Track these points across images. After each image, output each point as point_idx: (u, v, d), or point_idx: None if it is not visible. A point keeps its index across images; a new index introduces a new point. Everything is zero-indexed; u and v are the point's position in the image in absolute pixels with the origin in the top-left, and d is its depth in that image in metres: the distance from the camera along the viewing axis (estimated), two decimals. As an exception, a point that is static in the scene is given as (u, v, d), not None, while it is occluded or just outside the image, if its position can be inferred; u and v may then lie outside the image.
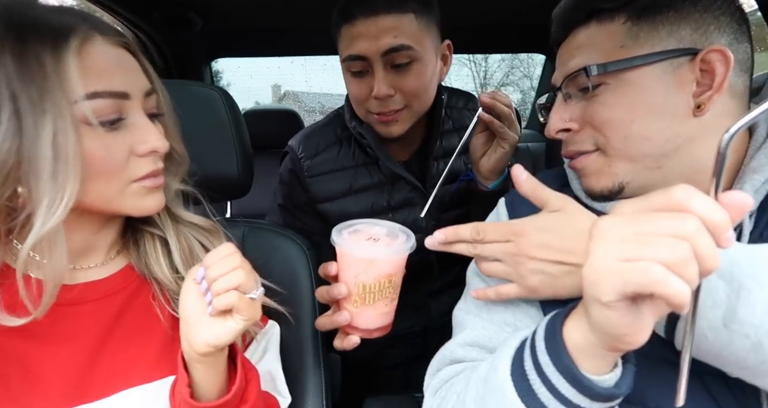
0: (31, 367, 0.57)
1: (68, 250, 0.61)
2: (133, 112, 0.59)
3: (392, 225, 0.74)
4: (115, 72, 0.57)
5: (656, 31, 0.58)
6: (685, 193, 0.38)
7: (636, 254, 0.38)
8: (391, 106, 0.98)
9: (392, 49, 0.93)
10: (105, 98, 0.56)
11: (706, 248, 0.37)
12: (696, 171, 0.60)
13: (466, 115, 1.18)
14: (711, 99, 0.58)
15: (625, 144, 0.60)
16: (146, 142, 0.59)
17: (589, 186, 0.65)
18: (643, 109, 0.59)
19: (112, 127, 0.57)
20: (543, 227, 0.57)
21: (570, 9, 0.65)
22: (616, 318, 0.41)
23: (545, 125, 0.72)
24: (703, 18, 0.58)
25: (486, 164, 0.99)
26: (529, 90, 4.47)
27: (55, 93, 0.52)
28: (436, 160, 1.11)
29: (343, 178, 1.10)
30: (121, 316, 0.64)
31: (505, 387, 0.50)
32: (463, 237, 0.60)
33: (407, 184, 1.09)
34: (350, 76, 1.00)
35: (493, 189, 1.01)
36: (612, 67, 0.59)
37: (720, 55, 0.57)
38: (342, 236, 0.70)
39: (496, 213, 0.77)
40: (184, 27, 1.55)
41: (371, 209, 1.10)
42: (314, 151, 1.11)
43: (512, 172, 0.59)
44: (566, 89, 0.64)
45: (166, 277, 0.67)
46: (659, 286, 0.37)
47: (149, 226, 0.70)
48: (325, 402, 0.79)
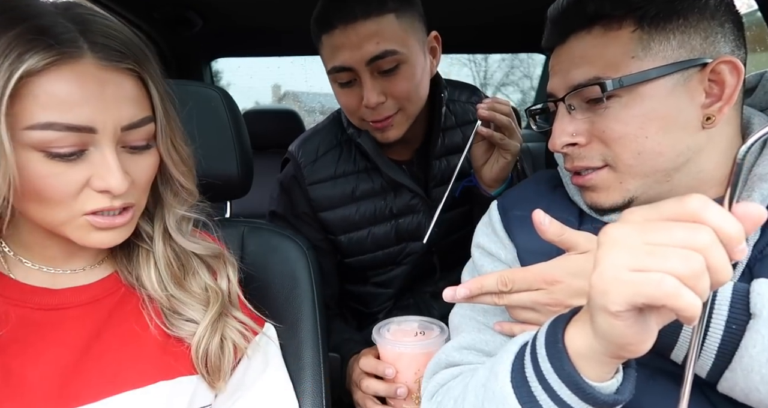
0: (13, 371, 0.56)
1: (48, 256, 0.62)
2: (99, 145, 0.54)
3: (417, 318, 0.78)
4: (84, 102, 0.52)
5: (667, 41, 0.56)
6: (700, 204, 0.37)
7: (648, 265, 0.37)
8: (384, 113, 0.95)
9: (377, 57, 0.89)
10: (59, 131, 0.51)
11: (719, 261, 0.36)
12: (701, 182, 0.59)
13: (469, 109, 1.14)
14: (721, 111, 0.57)
15: (638, 160, 0.58)
16: (102, 179, 0.55)
17: (596, 202, 0.63)
18: (657, 124, 0.57)
19: (68, 159, 0.53)
20: (576, 272, 0.54)
21: (570, 12, 0.62)
22: (623, 327, 0.40)
23: (545, 133, 0.70)
24: (711, 26, 0.57)
25: (488, 174, 0.97)
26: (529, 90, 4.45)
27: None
28: (438, 158, 1.09)
29: (344, 185, 1.07)
30: (107, 322, 0.63)
31: (505, 393, 0.49)
32: (489, 289, 0.56)
33: (409, 190, 1.07)
34: (338, 87, 0.97)
35: (497, 195, 0.97)
36: (628, 80, 0.56)
37: (730, 65, 0.56)
38: (390, 337, 0.74)
39: (488, 217, 0.76)
40: (184, 27, 1.55)
41: (374, 217, 1.08)
42: (314, 155, 1.09)
43: (534, 219, 0.55)
44: (570, 101, 0.61)
45: (156, 291, 0.66)
46: (672, 298, 0.36)
47: (140, 240, 0.68)
48: (324, 402, 0.79)
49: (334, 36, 0.90)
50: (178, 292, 0.66)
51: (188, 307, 0.66)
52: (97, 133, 0.53)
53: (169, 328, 0.65)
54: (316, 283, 0.86)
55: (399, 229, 1.09)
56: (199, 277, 0.69)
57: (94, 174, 0.55)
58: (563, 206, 0.70)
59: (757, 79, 0.68)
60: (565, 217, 0.68)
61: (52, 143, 0.51)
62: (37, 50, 0.49)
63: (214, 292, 0.68)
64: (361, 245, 1.09)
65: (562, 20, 0.63)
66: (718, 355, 0.48)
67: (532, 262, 0.67)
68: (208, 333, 0.65)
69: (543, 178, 0.77)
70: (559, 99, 0.63)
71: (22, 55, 0.49)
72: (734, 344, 0.47)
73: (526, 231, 0.68)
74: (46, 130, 0.51)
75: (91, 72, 0.53)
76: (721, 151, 0.60)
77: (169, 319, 0.66)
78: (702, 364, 0.49)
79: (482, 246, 0.74)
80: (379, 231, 1.08)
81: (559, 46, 0.63)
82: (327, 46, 0.93)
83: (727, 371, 0.48)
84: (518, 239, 0.69)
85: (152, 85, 0.59)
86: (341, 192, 1.07)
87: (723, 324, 0.48)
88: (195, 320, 0.66)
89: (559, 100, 0.62)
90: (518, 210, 0.72)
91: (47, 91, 0.50)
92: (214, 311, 0.67)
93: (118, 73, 0.55)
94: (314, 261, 0.88)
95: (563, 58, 0.63)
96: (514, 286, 0.55)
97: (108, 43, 0.54)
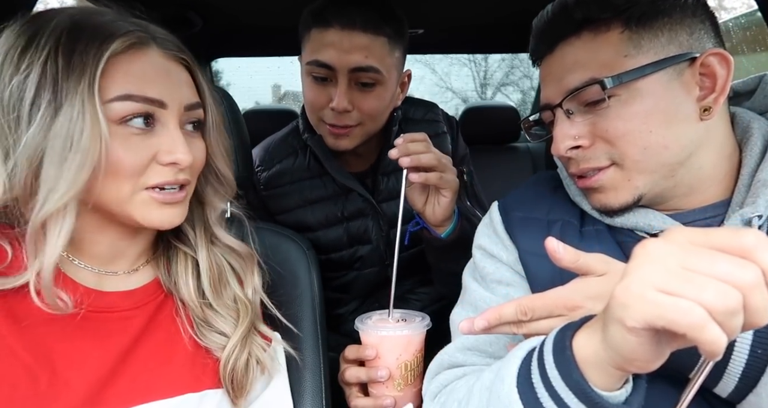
0: (59, 369, 0.57)
1: (95, 254, 0.64)
2: (166, 120, 0.60)
3: (399, 310, 0.80)
4: (156, 80, 0.59)
5: (656, 38, 0.58)
6: (755, 240, 0.35)
7: (680, 290, 0.35)
8: (345, 121, 0.98)
9: (361, 68, 0.94)
10: (137, 102, 0.57)
11: (759, 303, 0.34)
12: (701, 179, 0.60)
13: (423, 127, 1.15)
14: (717, 101, 0.58)
15: (644, 155, 0.58)
16: (170, 153, 0.60)
17: (606, 203, 0.63)
18: (658, 119, 0.58)
19: (141, 131, 0.58)
20: (596, 296, 0.52)
21: (557, 21, 0.63)
22: (635, 344, 0.39)
23: (539, 140, 0.70)
24: (694, 23, 0.59)
25: (432, 216, 0.90)
26: (529, 90, 4.46)
27: (86, 89, 0.54)
28: (385, 175, 1.13)
29: (298, 190, 1.11)
30: (147, 328, 0.64)
31: (511, 399, 0.49)
32: (508, 319, 0.54)
33: (359, 195, 1.10)
34: (311, 80, 0.99)
35: (446, 238, 0.91)
36: (626, 77, 0.57)
37: (719, 57, 0.57)
38: (372, 324, 0.76)
39: (489, 218, 0.76)
40: (184, 27, 1.55)
41: (326, 220, 1.11)
42: (271, 162, 1.13)
43: (547, 247, 0.53)
44: (567, 105, 0.61)
45: (192, 300, 0.67)
46: (696, 330, 0.34)
47: (182, 243, 0.70)
48: (324, 402, 0.79)
49: (327, 33, 0.93)
50: (213, 302, 0.68)
51: (219, 318, 0.68)
52: (166, 109, 0.60)
53: (200, 339, 0.66)
54: (317, 283, 0.87)
55: (350, 232, 1.13)
56: (229, 287, 0.70)
57: (161, 149, 0.60)
58: (564, 208, 0.70)
59: (756, 83, 0.68)
60: (567, 218, 0.68)
61: (129, 113, 0.57)
62: (118, 36, 0.57)
63: (243, 304, 0.70)
64: (315, 247, 1.10)
65: (549, 29, 0.64)
66: (742, 378, 0.47)
67: (533, 263, 0.67)
68: (237, 349, 0.66)
69: (543, 179, 0.77)
70: (556, 105, 0.63)
71: (106, 39, 0.56)
72: (759, 369, 0.46)
73: (527, 233, 0.69)
74: (126, 101, 0.57)
75: (157, 59, 0.61)
76: (717, 148, 0.60)
77: (200, 328, 0.67)
78: (724, 387, 0.49)
79: (483, 247, 0.73)
80: (331, 234, 1.12)
81: (548, 56, 0.64)
82: (315, 40, 0.95)
83: (751, 395, 0.47)
84: (520, 241, 0.69)
85: (200, 77, 0.66)
86: (295, 197, 1.11)
87: (748, 348, 0.47)
88: (224, 333, 0.67)
89: (557, 106, 0.62)
90: (519, 211, 0.72)
91: (127, 69, 0.58)
92: (244, 327, 0.68)
93: (176, 62, 0.63)
94: (314, 261, 0.88)
95: (555, 66, 0.63)
96: (534, 314, 0.53)
97: (166, 37, 0.63)
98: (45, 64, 0.54)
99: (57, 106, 0.54)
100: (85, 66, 0.54)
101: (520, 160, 2.08)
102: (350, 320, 1.20)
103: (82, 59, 0.54)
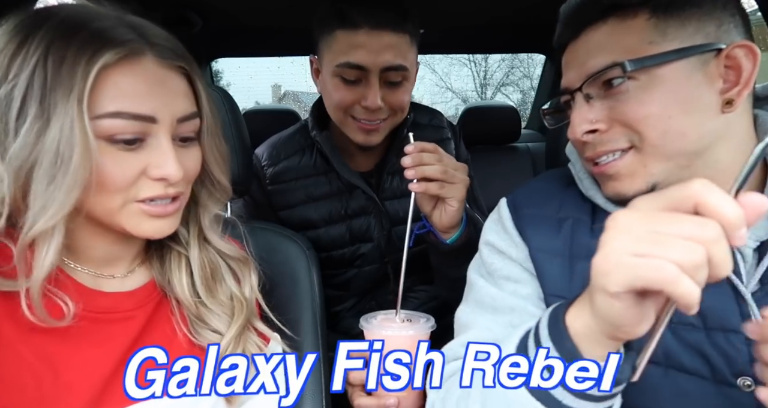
0: (61, 371, 0.57)
1: (92, 258, 0.63)
2: (157, 135, 0.58)
3: (404, 311, 0.80)
4: (149, 93, 0.57)
5: (683, 28, 0.58)
6: (703, 187, 0.39)
7: (650, 251, 0.39)
8: (378, 116, 1.01)
9: (391, 67, 0.96)
10: (127, 119, 0.55)
11: (720, 256, 0.38)
12: (718, 173, 0.59)
13: (429, 132, 1.20)
14: (740, 94, 0.58)
15: (663, 140, 0.58)
16: (160, 168, 0.58)
17: (620, 190, 0.62)
18: (677, 105, 0.58)
19: (130, 147, 0.57)
20: None
21: (585, 6, 0.63)
22: (620, 309, 0.42)
23: (544, 127, 0.70)
24: (723, 16, 0.58)
25: (439, 223, 0.90)
26: (529, 90, 4.47)
27: (74, 103, 0.52)
28: (390, 174, 1.14)
29: (303, 187, 1.12)
30: (145, 329, 0.64)
31: None
32: None
33: (363, 193, 1.11)
34: (340, 81, 0.99)
35: (452, 244, 0.92)
36: (648, 62, 0.57)
37: (746, 50, 0.57)
38: (377, 323, 0.77)
39: (498, 214, 0.75)
40: (184, 27, 1.55)
41: (329, 217, 1.12)
42: (277, 158, 1.15)
43: None
44: (587, 89, 0.61)
45: (186, 298, 0.67)
46: (670, 284, 0.38)
47: (175, 243, 0.69)
48: (324, 402, 0.79)
49: (357, 35, 0.94)
50: (207, 299, 0.68)
51: (214, 316, 0.67)
52: (156, 123, 0.58)
53: (194, 337, 0.66)
54: (317, 283, 0.87)
55: (352, 230, 1.14)
56: (225, 284, 0.70)
57: (151, 163, 0.58)
58: (575, 204, 0.69)
59: None
60: (577, 216, 0.68)
61: (118, 131, 0.55)
62: (110, 47, 0.54)
63: (239, 301, 0.69)
64: (317, 244, 1.11)
65: (576, 14, 0.64)
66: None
67: (544, 261, 0.67)
68: (231, 346, 0.66)
69: (554, 176, 0.76)
70: (576, 89, 0.62)
71: (98, 51, 0.53)
72: None
73: (537, 230, 0.69)
74: (115, 118, 0.55)
75: (152, 68, 0.58)
76: (737, 143, 0.60)
77: (194, 326, 0.66)
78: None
79: (492, 243, 0.73)
80: (333, 231, 1.13)
81: (572, 42, 0.64)
82: (343, 41, 0.96)
83: None
84: (530, 238, 0.69)
85: (198, 83, 0.64)
86: (300, 193, 1.12)
87: None
88: (219, 331, 0.67)
89: (576, 90, 0.62)
90: (529, 208, 0.71)
91: (117, 83, 0.55)
92: (239, 324, 0.68)
93: (173, 70, 0.60)
94: (314, 261, 0.88)
95: (579, 51, 0.63)
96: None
97: (163, 43, 0.60)
98: (33, 74, 0.52)
99: (45, 119, 0.52)
100: (73, 79, 0.52)
101: (520, 160, 2.08)
102: (347, 317, 1.21)
103: (71, 70, 0.52)
